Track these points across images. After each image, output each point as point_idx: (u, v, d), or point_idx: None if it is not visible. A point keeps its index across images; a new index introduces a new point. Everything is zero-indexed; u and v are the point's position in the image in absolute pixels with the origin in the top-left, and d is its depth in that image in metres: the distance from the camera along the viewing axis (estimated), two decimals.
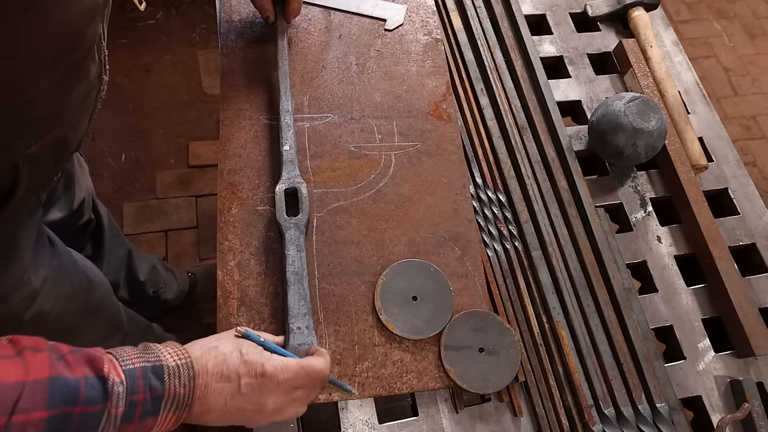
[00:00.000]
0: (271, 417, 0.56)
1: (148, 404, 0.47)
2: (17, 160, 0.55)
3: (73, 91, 0.57)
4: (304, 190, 0.74)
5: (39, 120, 0.54)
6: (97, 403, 0.44)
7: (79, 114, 0.62)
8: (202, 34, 2.06)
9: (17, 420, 0.40)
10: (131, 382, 0.46)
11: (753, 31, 2.41)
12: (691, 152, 0.89)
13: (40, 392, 0.41)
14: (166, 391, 0.48)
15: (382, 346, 0.71)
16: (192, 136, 1.85)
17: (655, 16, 1.05)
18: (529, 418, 0.71)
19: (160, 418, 0.49)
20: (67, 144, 0.64)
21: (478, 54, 0.94)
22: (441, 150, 0.85)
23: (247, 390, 0.53)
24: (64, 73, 0.53)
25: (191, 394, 0.50)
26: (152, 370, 0.48)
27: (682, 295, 0.81)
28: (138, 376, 0.47)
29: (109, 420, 0.45)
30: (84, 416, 0.43)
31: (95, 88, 0.63)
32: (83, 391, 0.43)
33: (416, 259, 0.76)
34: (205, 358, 0.52)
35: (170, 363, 0.50)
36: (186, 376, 0.50)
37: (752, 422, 0.72)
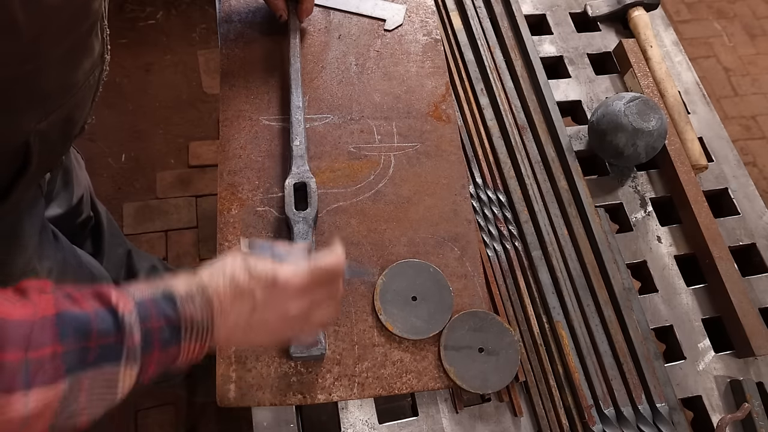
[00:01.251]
0: (301, 324, 0.55)
1: (165, 332, 0.47)
2: (29, 135, 0.56)
3: (80, 67, 0.58)
4: (313, 184, 0.75)
5: (48, 94, 0.55)
6: (110, 335, 0.43)
7: (84, 93, 0.63)
8: (202, 34, 2.06)
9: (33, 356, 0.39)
10: (143, 311, 0.46)
11: (753, 31, 2.41)
12: (691, 152, 0.89)
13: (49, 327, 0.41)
14: (181, 317, 0.47)
15: (382, 346, 0.71)
16: (192, 136, 1.85)
17: (655, 16, 1.05)
18: (529, 418, 0.71)
19: (183, 346, 0.48)
20: (74, 123, 0.65)
21: (478, 54, 0.94)
22: (440, 151, 0.85)
23: (264, 302, 0.52)
24: (72, 47, 0.54)
25: (210, 318, 0.49)
26: (163, 298, 0.47)
27: (682, 295, 0.81)
28: (149, 306, 0.46)
29: (128, 351, 0.44)
30: (100, 349, 0.43)
31: (98, 67, 0.64)
32: (94, 324, 0.43)
33: (416, 259, 0.76)
34: (216, 281, 0.51)
35: (181, 290, 0.49)
36: (200, 301, 0.49)
37: (752, 422, 0.72)
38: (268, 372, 0.68)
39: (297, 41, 0.86)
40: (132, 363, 0.45)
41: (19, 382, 0.38)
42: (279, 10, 0.87)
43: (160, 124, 1.87)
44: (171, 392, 1.50)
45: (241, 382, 0.67)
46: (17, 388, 0.38)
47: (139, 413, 1.48)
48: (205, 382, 1.51)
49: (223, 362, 0.68)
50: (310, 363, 0.69)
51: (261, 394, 0.67)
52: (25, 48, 0.46)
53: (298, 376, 0.68)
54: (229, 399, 0.67)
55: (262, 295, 0.51)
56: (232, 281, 0.51)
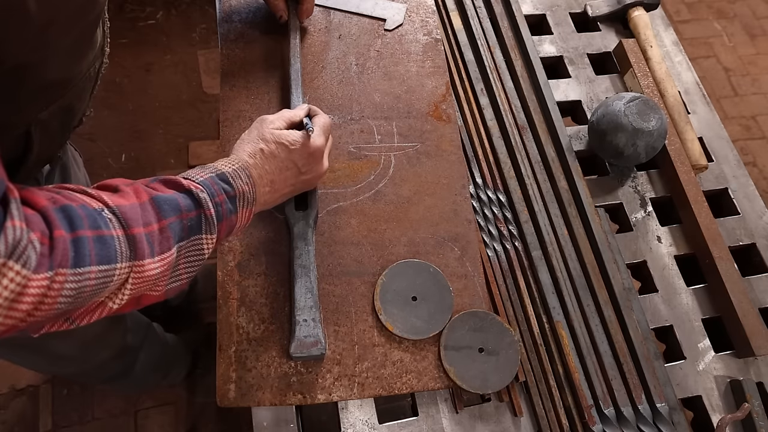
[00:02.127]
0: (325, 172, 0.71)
1: (227, 203, 0.57)
2: (30, 124, 0.58)
3: (84, 58, 0.59)
4: None
5: (51, 84, 0.56)
6: (192, 209, 0.53)
7: (84, 85, 0.64)
8: (202, 34, 2.06)
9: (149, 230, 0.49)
10: (209, 189, 0.55)
11: (753, 31, 2.41)
12: (691, 152, 0.89)
13: (150, 208, 0.50)
14: (236, 190, 0.58)
15: (382, 346, 0.71)
16: (192, 136, 1.85)
17: (655, 16, 1.05)
18: (529, 418, 0.71)
19: (239, 214, 0.59)
20: (73, 114, 0.66)
21: (478, 54, 0.94)
22: (440, 151, 0.85)
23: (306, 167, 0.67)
24: (78, 38, 0.56)
25: (254, 190, 0.61)
26: (219, 177, 0.58)
27: (682, 295, 0.81)
28: (211, 184, 0.56)
29: (207, 221, 0.54)
30: (190, 220, 0.53)
31: (99, 59, 0.65)
32: (181, 202, 0.52)
33: (416, 259, 0.76)
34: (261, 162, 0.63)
35: (228, 169, 0.59)
36: (245, 176, 0.60)
37: (752, 422, 0.72)
38: (268, 372, 0.68)
39: (297, 41, 0.86)
40: (211, 230, 0.55)
41: (147, 250, 0.48)
42: (279, 11, 0.87)
43: (160, 124, 1.87)
44: (171, 392, 1.50)
45: (241, 382, 0.67)
46: (147, 255, 0.48)
47: (138, 413, 1.48)
48: (205, 382, 1.52)
49: (223, 362, 0.68)
50: (310, 363, 0.69)
51: (261, 394, 0.67)
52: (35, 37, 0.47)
53: (298, 376, 0.68)
54: (229, 399, 0.67)
55: (303, 161, 0.66)
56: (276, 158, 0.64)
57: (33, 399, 1.47)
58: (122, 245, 0.46)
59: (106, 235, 0.45)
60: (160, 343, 1.25)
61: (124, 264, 0.46)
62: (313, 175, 0.69)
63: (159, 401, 1.50)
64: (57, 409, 1.46)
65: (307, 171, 0.68)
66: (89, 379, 1.30)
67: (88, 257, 0.43)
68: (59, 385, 1.49)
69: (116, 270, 0.46)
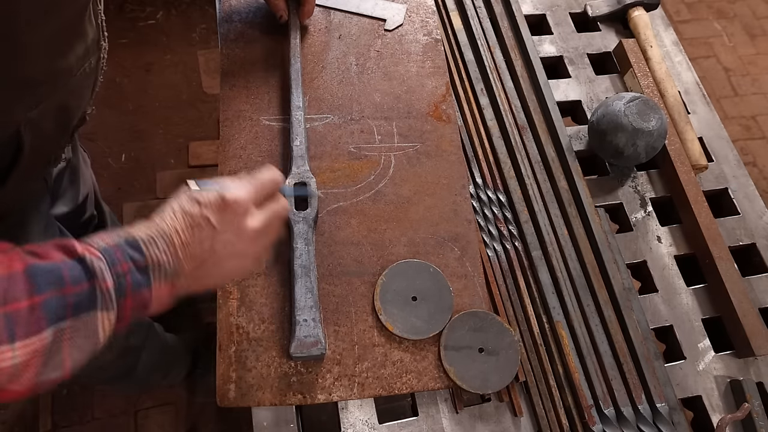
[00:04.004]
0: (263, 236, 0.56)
1: (135, 274, 0.47)
2: (19, 123, 0.55)
3: (71, 52, 0.56)
4: (313, 184, 0.75)
5: (36, 81, 0.54)
6: (83, 281, 0.44)
7: (80, 82, 0.62)
8: (202, 34, 2.06)
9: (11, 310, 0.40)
10: (110, 256, 0.46)
11: (753, 31, 2.41)
12: (691, 152, 0.89)
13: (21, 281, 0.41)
14: (147, 258, 0.48)
15: (382, 346, 0.71)
16: (192, 136, 1.86)
17: (655, 16, 1.05)
18: (529, 418, 0.71)
19: (153, 288, 0.49)
20: (70, 113, 0.64)
21: (478, 54, 0.94)
22: (440, 151, 0.85)
23: (221, 223, 0.53)
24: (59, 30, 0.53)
25: (174, 255, 0.50)
26: (127, 243, 0.48)
27: (682, 295, 0.81)
28: (114, 251, 0.47)
29: (103, 296, 0.45)
30: (76, 297, 0.43)
31: (95, 54, 0.62)
32: (65, 272, 0.43)
33: (416, 259, 0.76)
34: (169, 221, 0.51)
35: (142, 235, 0.49)
36: (162, 242, 0.49)
37: (752, 422, 0.72)
38: (268, 372, 0.68)
39: (297, 41, 0.86)
40: (108, 307, 0.45)
41: (3, 335, 0.39)
42: (280, 11, 0.87)
43: (160, 124, 1.87)
44: (171, 392, 1.50)
45: (241, 382, 0.67)
46: (2, 341, 0.39)
47: (138, 413, 1.48)
48: (205, 382, 1.52)
49: (223, 362, 0.68)
50: (310, 363, 0.69)
51: (261, 394, 0.67)
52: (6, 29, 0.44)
53: (298, 376, 0.68)
54: (229, 399, 0.67)
55: (216, 217, 0.52)
56: (185, 214, 0.52)
57: (33, 399, 1.47)
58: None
59: None
60: (161, 343, 1.25)
61: None
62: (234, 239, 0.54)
63: (159, 401, 1.50)
64: (57, 409, 1.46)
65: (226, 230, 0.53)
66: (91, 380, 1.29)
67: None
68: (59, 385, 1.49)
69: None
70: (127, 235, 0.49)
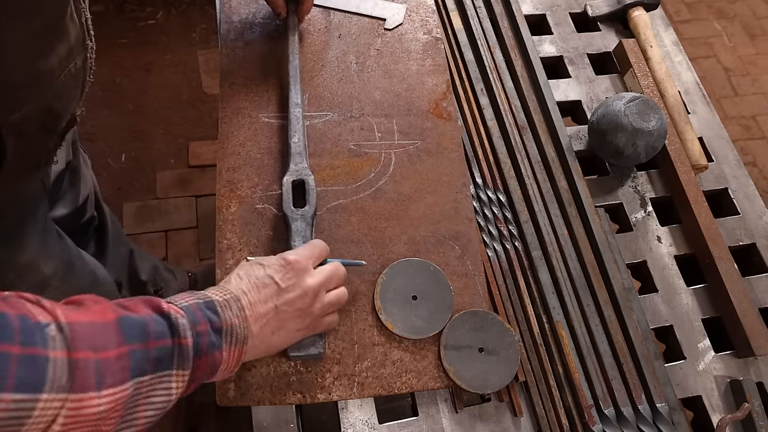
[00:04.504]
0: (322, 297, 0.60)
1: (211, 336, 0.49)
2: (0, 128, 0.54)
3: (52, 53, 0.55)
4: (311, 182, 0.75)
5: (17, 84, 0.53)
6: (166, 336, 0.46)
7: (64, 83, 0.60)
8: (202, 34, 2.06)
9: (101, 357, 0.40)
10: (191, 315, 0.48)
11: (753, 31, 2.41)
12: (691, 152, 0.88)
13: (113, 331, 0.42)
14: (223, 322, 0.51)
15: (382, 345, 0.71)
16: (192, 136, 1.85)
17: (655, 16, 1.05)
18: (529, 418, 0.70)
19: (225, 352, 0.51)
20: (56, 115, 0.62)
21: (478, 54, 0.94)
22: (441, 148, 0.85)
23: (284, 281, 0.57)
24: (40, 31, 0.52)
25: (245, 322, 0.53)
26: (205, 305, 0.51)
27: (682, 295, 0.81)
28: (195, 310, 0.49)
29: (182, 353, 0.46)
30: (157, 351, 0.44)
31: (80, 54, 0.61)
32: (150, 327, 0.45)
33: (416, 258, 0.76)
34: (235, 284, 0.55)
35: (218, 298, 0.52)
36: (236, 307, 0.53)
37: (752, 422, 0.72)
38: (267, 371, 0.68)
39: (296, 38, 0.86)
40: (185, 366, 0.47)
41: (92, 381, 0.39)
42: (278, 8, 0.86)
43: (160, 124, 1.87)
44: None
45: (241, 381, 0.67)
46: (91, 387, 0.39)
47: None
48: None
49: None
50: (310, 362, 0.69)
51: (261, 394, 0.67)
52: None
53: (298, 376, 0.68)
54: (228, 398, 0.66)
55: (280, 275, 0.57)
56: (249, 276, 0.56)
57: None
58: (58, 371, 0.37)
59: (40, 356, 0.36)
60: None
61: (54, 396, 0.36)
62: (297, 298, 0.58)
63: None
64: None
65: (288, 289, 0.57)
66: None
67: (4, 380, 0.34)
68: None
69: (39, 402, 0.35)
70: (204, 296, 0.52)
